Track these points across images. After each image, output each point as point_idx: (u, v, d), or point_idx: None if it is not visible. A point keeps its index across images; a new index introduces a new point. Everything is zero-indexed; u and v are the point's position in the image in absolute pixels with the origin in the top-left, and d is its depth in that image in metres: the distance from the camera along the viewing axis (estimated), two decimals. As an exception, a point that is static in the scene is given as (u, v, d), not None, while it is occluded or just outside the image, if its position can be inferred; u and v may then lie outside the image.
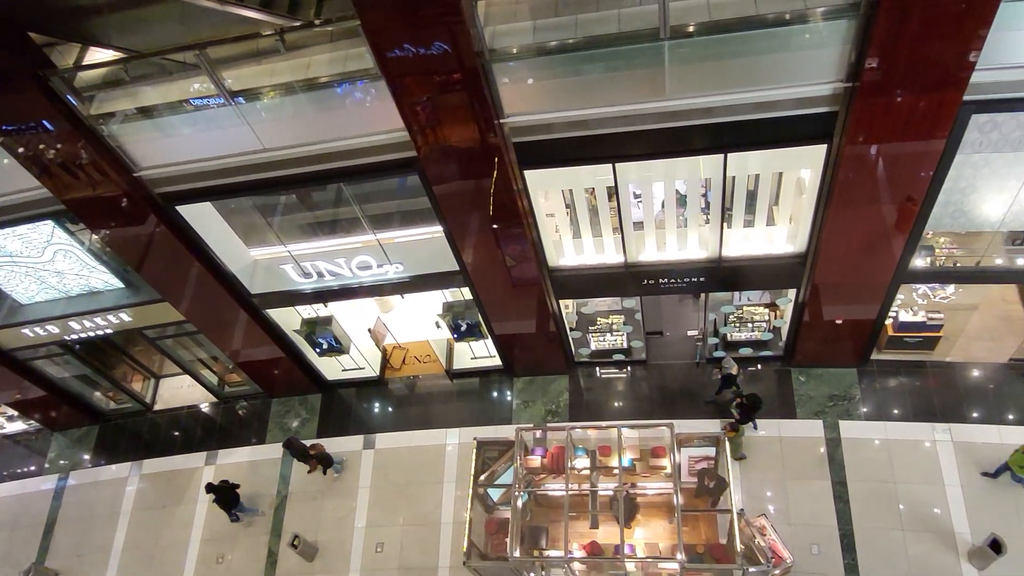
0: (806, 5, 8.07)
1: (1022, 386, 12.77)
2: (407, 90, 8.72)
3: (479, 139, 9.27)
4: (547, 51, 8.68)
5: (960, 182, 10.22)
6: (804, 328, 12.64)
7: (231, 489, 13.97)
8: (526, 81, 9.08)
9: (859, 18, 7.79)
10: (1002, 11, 7.40)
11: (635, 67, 8.73)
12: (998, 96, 8.35)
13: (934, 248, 11.26)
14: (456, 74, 8.43)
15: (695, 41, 8.35)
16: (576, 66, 8.84)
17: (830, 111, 8.79)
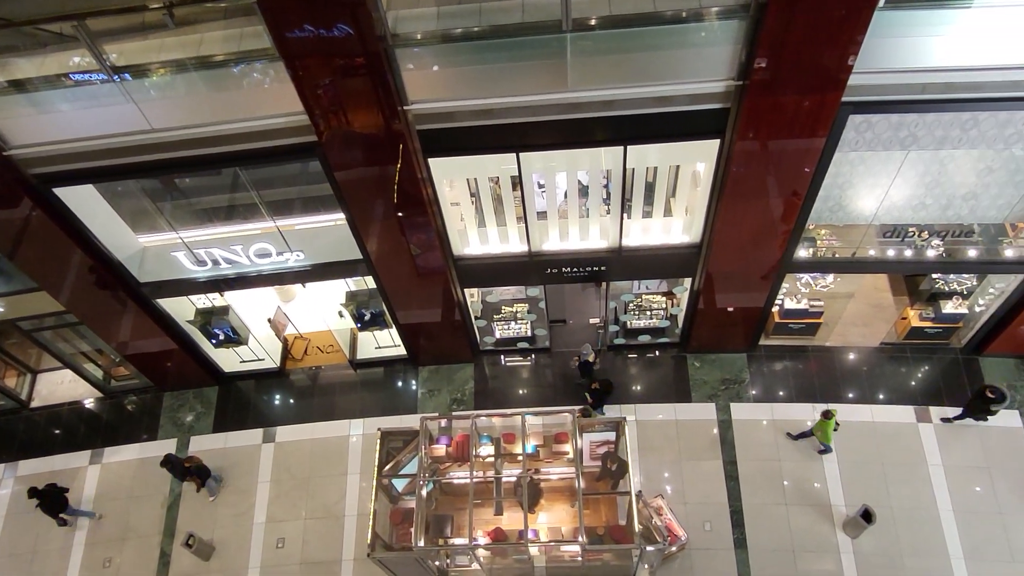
0: (700, 4, 8.39)
1: (891, 368, 13.84)
2: (307, 73, 8.48)
3: (382, 125, 9.14)
4: (451, 38, 8.65)
5: (839, 178, 10.94)
6: (699, 315, 13.21)
7: (59, 493, 13.30)
8: (430, 68, 9.01)
9: (749, 19, 8.17)
10: (877, 18, 7.96)
11: (538, 58, 8.82)
12: (872, 98, 8.97)
13: (816, 240, 12.00)
14: (358, 58, 8.26)
15: (596, 34, 8.53)
16: (480, 54, 8.84)
17: (723, 108, 9.19)
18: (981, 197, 11.25)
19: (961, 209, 11.48)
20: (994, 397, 12.08)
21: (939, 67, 8.64)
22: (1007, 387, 12.57)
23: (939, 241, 11.70)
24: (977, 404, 12.36)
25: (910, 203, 11.40)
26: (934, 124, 9.15)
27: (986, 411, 12.33)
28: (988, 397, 12.12)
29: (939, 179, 10.99)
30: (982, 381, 13.40)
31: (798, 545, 12.29)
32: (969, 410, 12.66)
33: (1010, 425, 12.93)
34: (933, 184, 11.08)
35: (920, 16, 8.38)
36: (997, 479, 12.48)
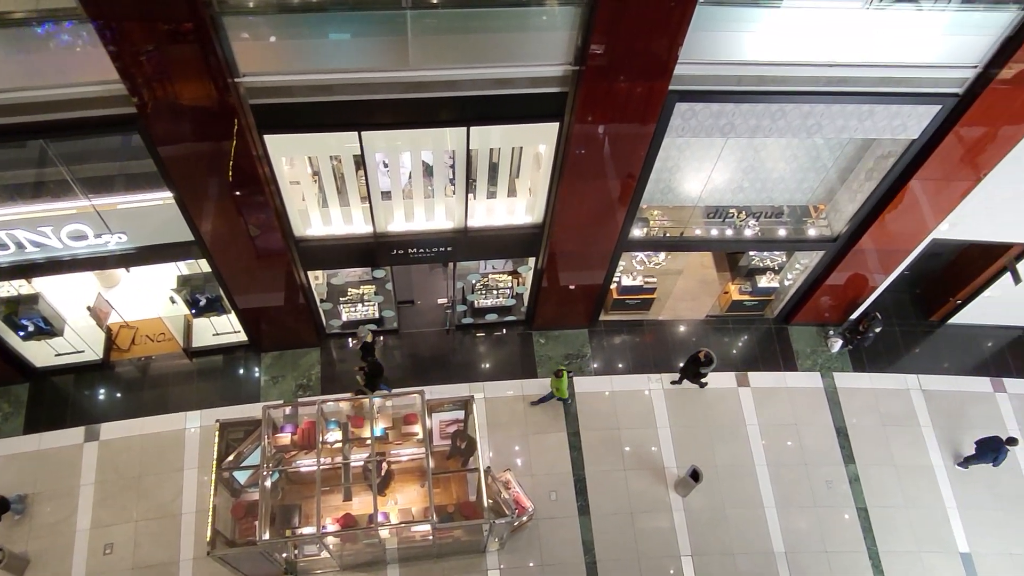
0: (537, -11, 8.57)
1: (715, 338, 15.06)
2: (122, 38, 7.75)
3: (210, 98, 8.57)
4: (286, 8, 8.25)
5: (668, 162, 11.69)
6: (543, 294, 13.64)
7: None
8: (265, 39, 8.54)
9: (584, 6, 8.46)
10: (700, 13, 8.53)
11: (380, 34, 8.63)
12: (696, 88, 9.62)
13: (649, 220, 12.75)
14: (180, 24, 7.68)
15: (438, 13, 8.48)
16: (318, 27, 8.50)
17: (562, 91, 9.48)
18: (789, 181, 12.47)
19: (773, 192, 12.67)
20: (704, 361, 13.16)
21: (753, 61, 9.41)
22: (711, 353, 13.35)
23: (755, 221, 12.83)
24: (690, 368, 13.51)
25: (730, 186, 12.42)
26: (748, 114, 9.97)
27: (698, 375, 13.50)
28: (700, 360, 13.19)
29: (754, 165, 12.05)
30: (789, 344, 14.95)
31: (636, 507, 13.13)
32: (684, 373, 13.79)
33: (813, 385, 14.52)
34: (749, 169, 12.13)
35: (737, 12, 9.04)
36: (803, 434, 13.99)
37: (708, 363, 13.19)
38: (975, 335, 15.45)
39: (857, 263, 13.30)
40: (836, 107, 9.93)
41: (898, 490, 13.59)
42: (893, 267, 13.51)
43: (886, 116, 10.16)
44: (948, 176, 11.19)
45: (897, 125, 10.34)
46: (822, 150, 11.92)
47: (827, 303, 14.57)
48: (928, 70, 9.68)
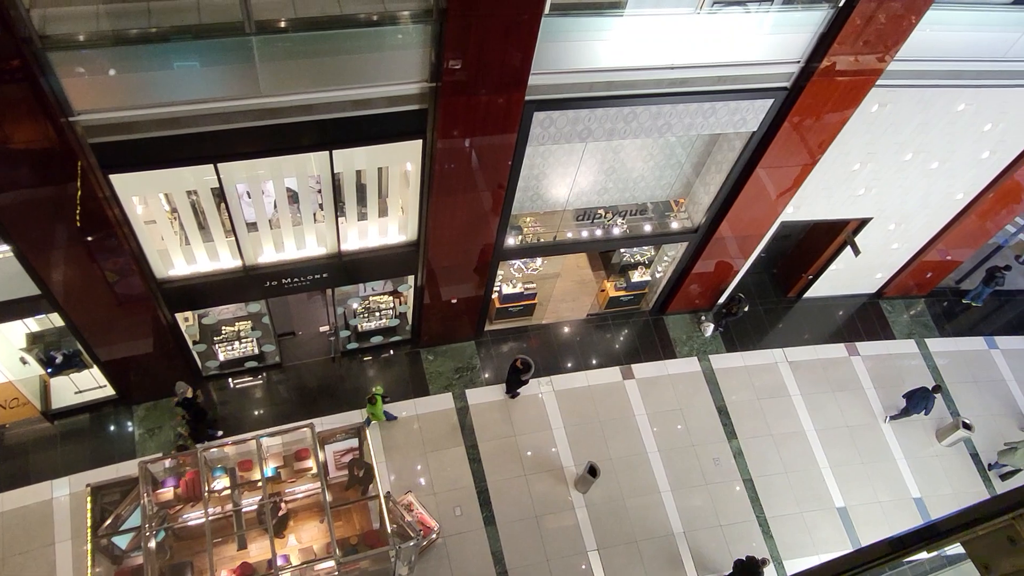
0: (385, 8, 8.59)
1: (598, 336, 15.56)
2: (-69, 81, 7.10)
3: (46, 140, 7.98)
4: (121, 40, 7.81)
5: (534, 169, 11.99)
6: (426, 310, 13.60)
7: None
8: (99, 74, 8.05)
9: (434, 24, 8.56)
10: (548, 25, 8.84)
11: (224, 62, 8.35)
12: (552, 97, 9.95)
13: (522, 228, 13.02)
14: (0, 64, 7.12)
15: (285, 37, 8.32)
16: (156, 59, 8.12)
17: (421, 109, 9.53)
18: (649, 179, 13.10)
19: (636, 191, 13.27)
20: (522, 368, 13.39)
21: (601, 68, 9.84)
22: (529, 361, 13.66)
23: (622, 220, 13.38)
24: (512, 377, 13.68)
25: (595, 188, 12.90)
26: (603, 118, 10.41)
27: (519, 382, 13.69)
28: (518, 368, 13.41)
29: (615, 166, 12.58)
30: (666, 333, 15.67)
31: (540, 510, 13.32)
32: (510, 385, 13.98)
33: (692, 370, 15.29)
34: (611, 171, 12.65)
35: (583, 23, 9.42)
36: (688, 417, 14.70)
37: (526, 369, 13.36)
38: (828, 306, 16.81)
39: (718, 250, 14.15)
40: (681, 107, 10.56)
41: (777, 458, 14.54)
42: (750, 251, 14.48)
43: (727, 112, 10.91)
44: (788, 163, 12.14)
45: (738, 120, 11.13)
46: (675, 147, 12.62)
47: (696, 290, 15.40)
48: (758, 67, 10.48)
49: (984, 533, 2.37)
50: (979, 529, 2.34)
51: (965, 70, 11.17)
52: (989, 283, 16.68)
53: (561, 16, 9.14)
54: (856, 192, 13.46)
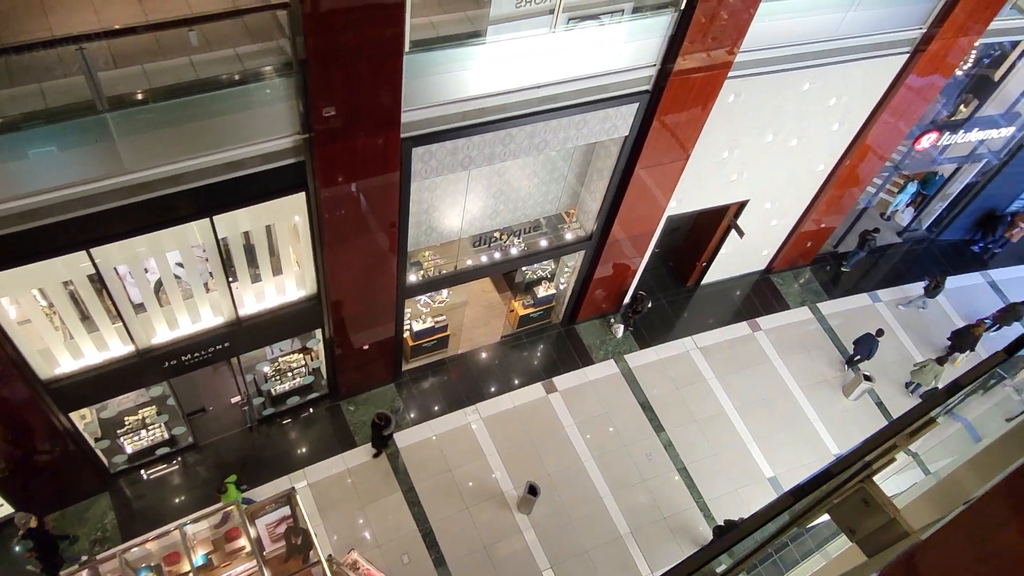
0: (243, 66, 8.48)
1: (515, 356, 15.68)
2: None
3: None
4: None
5: (423, 204, 12.04)
6: (339, 361, 13.33)
7: None
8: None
9: (296, 75, 8.52)
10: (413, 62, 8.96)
11: (83, 143, 8.00)
12: (427, 131, 10.06)
13: (422, 262, 13.01)
14: None
15: (143, 109, 8.06)
16: (7, 149, 7.68)
17: (298, 161, 9.42)
18: (537, 196, 13.40)
19: (526, 209, 13.53)
20: (382, 423, 12.97)
21: (472, 96, 10.03)
22: (393, 411, 13.82)
23: (518, 239, 13.60)
24: (375, 433, 13.19)
25: (486, 213, 13.06)
26: (481, 144, 10.60)
27: (382, 438, 13.19)
28: (377, 423, 13.00)
29: (502, 188, 12.80)
30: (580, 342, 15.97)
31: (488, 540, 13.20)
32: (375, 444, 13.48)
33: (610, 372, 15.63)
34: (499, 193, 12.86)
35: (448, 55, 9.59)
36: (615, 419, 14.99)
37: (386, 424, 13.02)
38: (724, 288, 17.60)
39: (614, 253, 14.60)
40: (554, 122, 10.90)
41: (705, 442, 15.02)
42: (644, 249, 15.01)
43: (598, 121, 11.34)
44: (663, 160, 12.71)
45: (609, 127, 11.58)
46: (557, 161, 12.98)
47: (601, 295, 15.80)
48: (619, 75, 10.96)
49: (841, 500, 2.56)
50: (835, 497, 2.53)
51: (805, 52, 12.06)
52: (863, 246, 17.94)
53: (424, 52, 9.28)
54: (730, 178, 14.24)
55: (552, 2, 9.61)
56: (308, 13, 7.72)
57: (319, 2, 7.66)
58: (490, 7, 9.48)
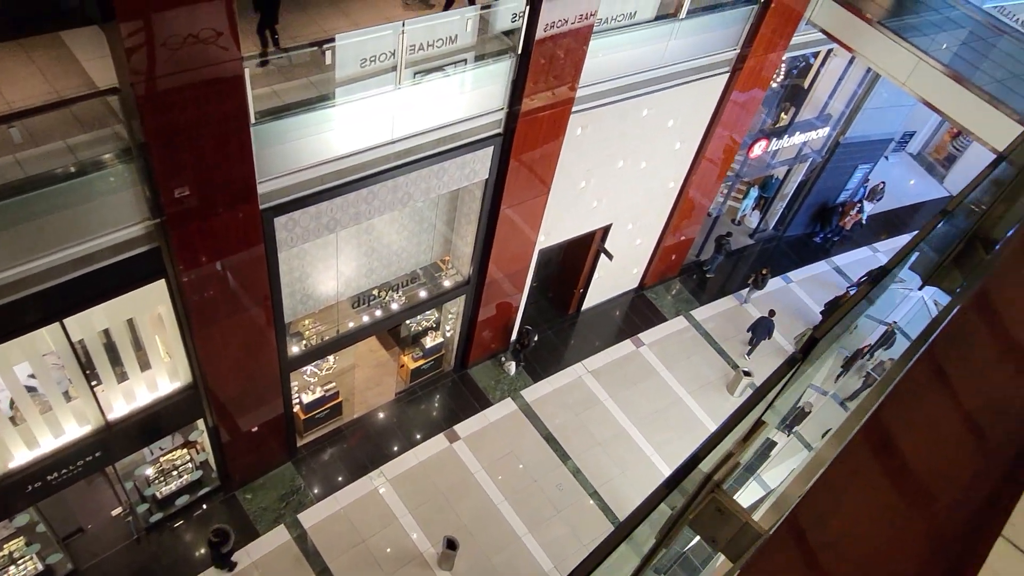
0: (78, 158, 8.06)
1: (413, 410, 15.46)
2: None
3: None
4: None
5: (295, 272, 11.77)
6: (228, 450, 12.63)
7: None
8: None
9: (138, 159, 8.18)
10: (264, 132, 8.84)
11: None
12: (287, 199, 9.89)
13: (302, 332, 12.65)
14: None
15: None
16: None
17: (153, 247, 8.99)
18: (410, 248, 13.43)
19: (401, 262, 13.52)
20: (218, 540, 11.96)
21: (329, 159, 9.99)
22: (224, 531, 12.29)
23: (397, 294, 13.54)
24: (214, 552, 12.08)
25: (361, 272, 12.94)
26: (345, 205, 10.55)
27: (221, 556, 12.13)
28: (213, 541, 11.94)
29: (374, 246, 12.75)
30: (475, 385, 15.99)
31: (412, 605, 12.78)
32: (218, 564, 12.36)
33: (509, 411, 15.72)
34: (371, 251, 12.79)
35: (299, 120, 9.51)
36: (521, 457, 15.04)
37: (224, 540, 12.02)
38: (604, 311, 18.24)
39: (494, 293, 14.82)
40: (414, 174, 11.03)
41: (611, 462, 15.35)
42: (522, 284, 15.34)
43: (457, 168, 11.59)
44: (526, 197, 13.13)
45: (469, 172, 11.86)
46: (424, 212, 13.11)
47: (488, 336, 15.94)
48: (471, 121, 11.29)
49: (697, 513, 2.72)
50: (690, 513, 2.68)
51: (638, 81, 12.93)
52: (719, 251, 19.19)
53: (273, 121, 9.18)
54: (591, 206, 14.89)
55: (395, 60, 9.81)
56: (141, 96, 7.47)
57: (151, 84, 7.44)
58: (335, 70, 9.56)
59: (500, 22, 10.86)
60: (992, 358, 1.55)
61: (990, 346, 1.58)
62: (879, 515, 1.40)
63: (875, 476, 1.46)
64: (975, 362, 1.52)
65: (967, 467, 1.40)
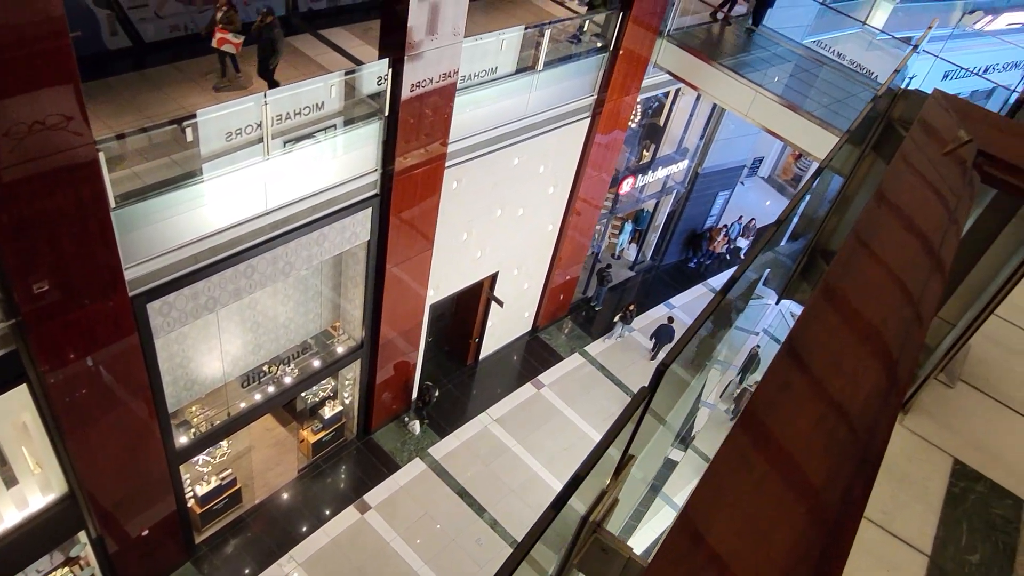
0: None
1: (319, 486, 14.85)
2: None
3: None
4: None
5: (175, 358, 11.17)
6: (117, 560, 11.61)
7: None
8: None
9: (-13, 260, 7.61)
10: (122, 216, 8.44)
11: None
12: (159, 282, 9.44)
13: (190, 420, 11.95)
14: None
15: None
16: None
17: (9, 351, 8.31)
18: (297, 318, 13.09)
19: (289, 334, 13.13)
20: None
21: (201, 236, 9.65)
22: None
23: (289, 367, 13.10)
24: None
25: (248, 349, 12.46)
26: (223, 282, 10.19)
27: None
28: None
29: (259, 320, 12.33)
30: (381, 450, 15.61)
31: None
32: None
33: (419, 471, 15.41)
34: (256, 326, 12.36)
35: (165, 200, 9.13)
36: (437, 515, 14.72)
37: None
38: (502, 357, 18.38)
39: (390, 353, 14.63)
40: (294, 243, 10.84)
41: (526, 508, 15.29)
42: (417, 341, 15.25)
43: (337, 232, 11.49)
44: (410, 255, 13.16)
45: (350, 235, 11.78)
46: (308, 279, 12.84)
47: (389, 397, 15.65)
48: (347, 184, 11.26)
49: (581, 556, 2.78)
50: (575, 556, 2.74)
51: (506, 132, 13.39)
52: (602, 283, 19.91)
53: (137, 203, 8.81)
54: (475, 256, 15.11)
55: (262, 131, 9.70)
56: (-14, 190, 7.00)
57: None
58: (199, 146, 9.32)
59: (366, 86, 11.00)
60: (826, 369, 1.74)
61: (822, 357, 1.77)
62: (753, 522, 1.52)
63: (745, 488, 1.59)
64: (814, 371, 1.70)
65: (822, 468, 1.55)
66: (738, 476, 1.58)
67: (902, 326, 2.04)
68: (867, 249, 2.27)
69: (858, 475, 1.62)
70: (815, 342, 1.97)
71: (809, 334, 1.97)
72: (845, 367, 1.88)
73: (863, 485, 1.61)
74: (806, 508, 1.54)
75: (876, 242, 2.29)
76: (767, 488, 1.57)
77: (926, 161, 2.59)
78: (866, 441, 1.69)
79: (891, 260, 2.27)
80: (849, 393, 1.81)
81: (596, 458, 2.34)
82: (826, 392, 1.82)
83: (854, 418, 1.75)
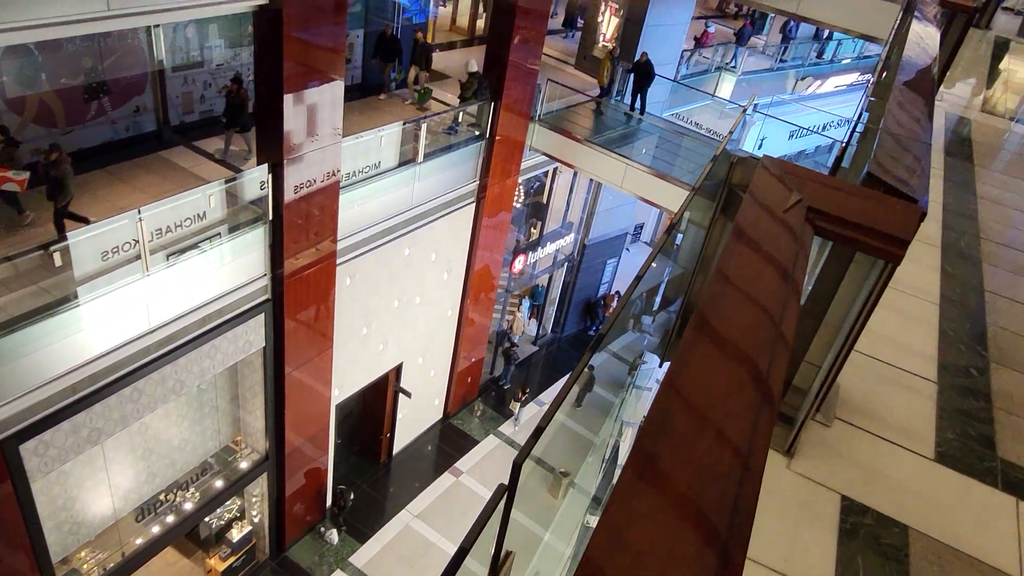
0: None
1: (232, 618, 13.71)
2: None
3: None
4: None
5: (57, 501, 10.28)
6: None
7: None
8: None
9: None
10: None
11: None
12: (33, 420, 8.74)
13: (79, 567, 10.89)
14: None
15: None
16: None
17: None
18: (193, 438, 12.38)
19: (186, 456, 12.36)
20: None
21: (77, 365, 9.06)
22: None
23: (188, 492, 12.26)
24: None
25: (141, 479, 11.62)
26: (106, 411, 9.55)
27: None
28: None
29: (150, 446, 11.57)
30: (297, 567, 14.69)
31: None
32: None
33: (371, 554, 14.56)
34: (148, 452, 11.58)
35: (36, 331, 8.58)
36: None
37: None
38: (416, 449, 17.96)
39: (297, 461, 14.00)
40: (183, 359, 10.37)
41: (458, 603, 14.67)
42: (325, 444, 14.69)
43: (230, 342, 11.10)
44: (309, 356, 12.83)
45: (243, 344, 11.40)
46: (203, 395, 12.24)
47: (301, 508, 14.87)
48: (236, 292, 10.96)
49: None
50: None
51: (393, 224, 13.54)
52: (509, 362, 20.04)
53: (6, 336, 8.23)
54: (378, 349, 14.93)
55: (138, 248, 9.38)
56: None
57: None
58: (73, 269, 8.88)
59: (248, 191, 10.92)
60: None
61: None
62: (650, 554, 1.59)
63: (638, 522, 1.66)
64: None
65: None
66: (631, 514, 1.65)
67: (767, 345, 2.22)
68: (730, 285, 2.48)
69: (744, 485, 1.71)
70: (690, 368, 2.11)
71: (684, 363, 2.10)
72: (715, 390, 2.02)
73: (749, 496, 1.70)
74: (700, 536, 1.62)
75: (736, 278, 2.50)
76: (659, 520, 1.64)
77: (763, 220, 2.88)
78: (746, 454, 1.81)
79: (750, 290, 2.48)
80: (723, 413, 1.94)
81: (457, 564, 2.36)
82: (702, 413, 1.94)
83: (731, 434, 1.87)
